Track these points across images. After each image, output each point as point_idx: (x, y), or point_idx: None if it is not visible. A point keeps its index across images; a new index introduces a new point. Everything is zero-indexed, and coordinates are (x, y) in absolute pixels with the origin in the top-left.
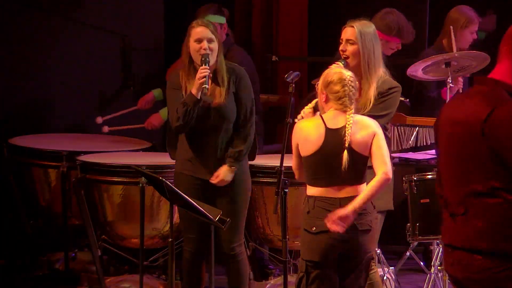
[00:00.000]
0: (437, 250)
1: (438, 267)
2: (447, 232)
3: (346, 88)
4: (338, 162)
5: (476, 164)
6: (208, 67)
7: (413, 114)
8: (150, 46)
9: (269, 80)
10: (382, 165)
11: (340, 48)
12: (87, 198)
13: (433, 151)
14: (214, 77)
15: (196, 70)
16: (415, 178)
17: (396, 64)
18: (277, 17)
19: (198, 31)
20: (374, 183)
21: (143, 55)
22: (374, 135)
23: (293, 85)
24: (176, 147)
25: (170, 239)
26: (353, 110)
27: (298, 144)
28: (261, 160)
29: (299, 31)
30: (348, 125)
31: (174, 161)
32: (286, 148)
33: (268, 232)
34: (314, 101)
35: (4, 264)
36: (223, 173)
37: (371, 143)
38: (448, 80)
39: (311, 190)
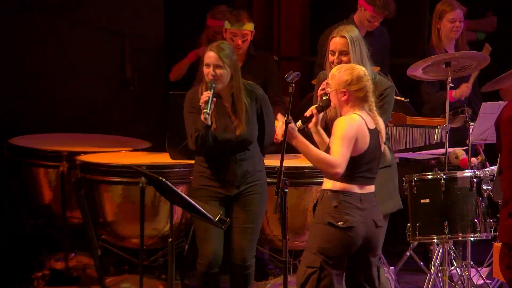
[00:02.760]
0: (437, 250)
1: (438, 267)
2: (504, 231)
3: (367, 83)
4: (375, 162)
5: None
6: (211, 93)
7: (413, 114)
8: (150, 45)
9: None
10: None
11: (334, 60)
12: (87, 198)
13: (433, 151)
14: (233, 103)
15: None
16: (415, 178)
17: (396, 64)
18: (277, 17)
19: (209, 55)
20: (323, 155)
21: (143, 55)
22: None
23: (293, 85)
24: (176, 147)
25: (170, 239)
26: (375, 109)
27: (357, 139)
28: None
29: (300, 31)
30: (380, 125)
31: (174, 161)
32: (286, 148)
33: (268, 232)
34: (314, 106)
35: (4, 264)
36: None
37: None
38: (448, 80)
39: (339, 185)
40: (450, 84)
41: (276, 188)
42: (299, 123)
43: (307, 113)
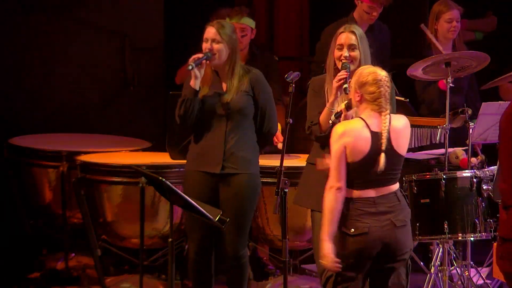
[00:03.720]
0: (437, 250)
1: (438, 267)
2: (500, 224)
3: (382, 89)
4: (387, 163)
5: None
6: (204, 55)
7: (413, 114)
8: (150, 45)
9: None
10: None
11: (342, 54)
12: (87, 198)
13: (433, 151)
14: (227, 75)
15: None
16: (415, 178)
17: (396, 64)
18: (277, 17)
19: (208, 31)
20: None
21: (143, 55)
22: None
23: (293, 85)
24: (176, 147)
25: (170, 239)
26: (388, 111)
27: (346, 148)
28: (261, 160)
29: (299, 31)
30: (384, 127)
31: (174, 161)
32: (286, 148)
33: (268, 232)
34: (344, 103)
35: (4, 264)
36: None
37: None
38: (448, 80)
39: (350, 192)
40: (450, 84)
41: (276, 188)
42: (332, 117)
43: (338, 109)
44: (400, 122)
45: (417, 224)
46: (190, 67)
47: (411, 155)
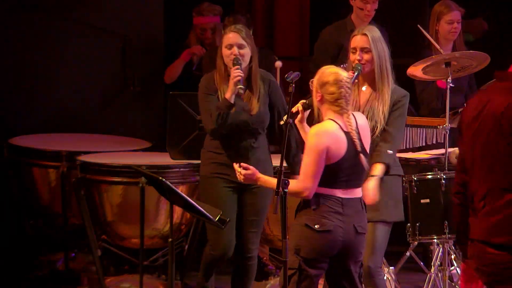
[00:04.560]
0: (437, 250)
1: (438, 267)
2: (471, 225)
3: (343, 90)
4: (357, 165)
5: (497, 158)
6: (241, 70)
7: (413, 114)
8: (150, 45)
9: None
10: None
11: (355, 57)
12: (87, 198)
13: (433, 151)
14: (249, 84)
15: (229, 76)
16: (415, 178)
17: (396, 64)
18: (277, 17)
19: (230, 36)
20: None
21: (143, 55)
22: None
23: (293, 85)
24: (176, 147)
25: (170, 239)
26: (349, 112)
27: (328, 148)
28: None
29: (299, 31)
30: (352, 128)
31: (174, 161)
32: (286, 148)
33: (268, 232)
34: (303, 101)
35: (4, 264)
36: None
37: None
38: (448, 80)
39: (319, 189)
40: (450, 84)
41: (276, 188)
42: (285, 117)
43: (294, 109)
44: (362, 120)
45: (417, 224)
46: (241, 89)
47: (411, 155)
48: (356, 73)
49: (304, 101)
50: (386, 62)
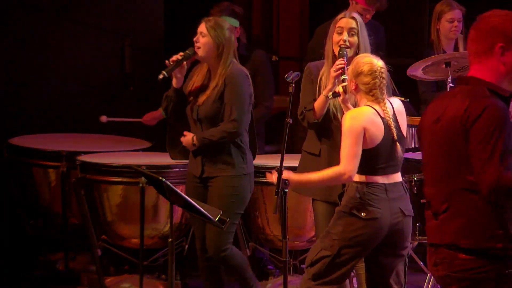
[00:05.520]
0: None
1: None
2: (430, 231)
3: (377, 80)
4: (394, 152)
5: (457, 160)
6: (184, 54)
7: (413, 114)
8: (150, 46)
9: None
10: None
11: (341, 38)
12: (87, 198)
13: None
14: (208, 75)
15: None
16: (415, 178)
17: (396, 64)
18: (277, 17)
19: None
20: (328, 174)
21: (143, 55)
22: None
23: (293, 85)
24: (176, 147)
25: (170, 239)
26: (385, 101)
27: (366, 129)
28: (261, 160)
29: (299, 31)
30: (388, 117)
31: (174, 161)
32: (286, 148)
33: (268, 232)
34: (342, 85)
35: (4, 264)
36: (185, 138)
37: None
38: (448, 80)
39: (363, 177)
40: (450, 84)
41: (276, 188)
42: (330, 94)
43: (336, 89)
44: (398, 104)
45: (417, 224)
46: (161, 76)
47: (411, 155)
48: (345, 59)
49: (345, 84)
50: (369, 49)
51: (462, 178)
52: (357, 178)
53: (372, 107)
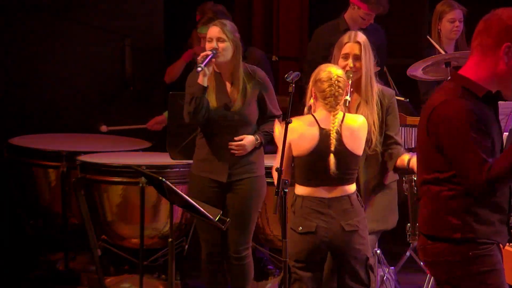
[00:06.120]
0: None
1: None
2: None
3: (332, 88)
4: (326, 164)
5: (426, 154)
6: (212, 52)
7: (413, 114)
8: (150, 46)
9: None
10: None
11: (347, 63)
12: (87, 198)
13: None
14: (232, 81)
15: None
16: (415, 178)
17: (396, 64)
18: (277, 17)
19: (212, 30)
20: None
21: (143, 55)
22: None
23: (293, 85)
24: (176, 147)
25: (170, 239)
26: (338, 111)
27: (290, 144)
28: None
29: (299, 31)
30: (333, 127)
31: (174, 161)
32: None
33: (268, 232)
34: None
35: (4, 264)
36: (247, 140)
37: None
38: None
39: (300, 190)
40: None
41: (276, 188)
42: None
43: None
44: (357, 122)
45: (417, 224)
46: (199, 69)
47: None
48: (349, 81)
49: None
50: (371, 71)
51: (427, 171)
52: (298, 191)
53: (314, 116)
